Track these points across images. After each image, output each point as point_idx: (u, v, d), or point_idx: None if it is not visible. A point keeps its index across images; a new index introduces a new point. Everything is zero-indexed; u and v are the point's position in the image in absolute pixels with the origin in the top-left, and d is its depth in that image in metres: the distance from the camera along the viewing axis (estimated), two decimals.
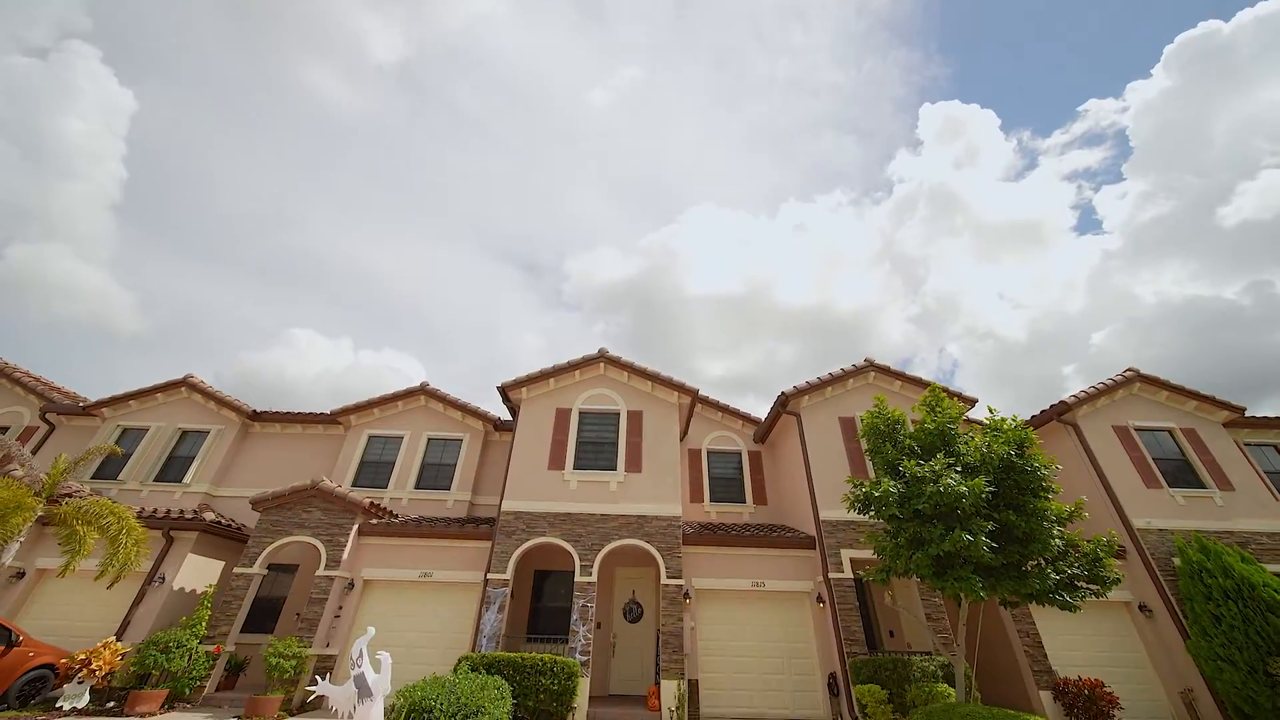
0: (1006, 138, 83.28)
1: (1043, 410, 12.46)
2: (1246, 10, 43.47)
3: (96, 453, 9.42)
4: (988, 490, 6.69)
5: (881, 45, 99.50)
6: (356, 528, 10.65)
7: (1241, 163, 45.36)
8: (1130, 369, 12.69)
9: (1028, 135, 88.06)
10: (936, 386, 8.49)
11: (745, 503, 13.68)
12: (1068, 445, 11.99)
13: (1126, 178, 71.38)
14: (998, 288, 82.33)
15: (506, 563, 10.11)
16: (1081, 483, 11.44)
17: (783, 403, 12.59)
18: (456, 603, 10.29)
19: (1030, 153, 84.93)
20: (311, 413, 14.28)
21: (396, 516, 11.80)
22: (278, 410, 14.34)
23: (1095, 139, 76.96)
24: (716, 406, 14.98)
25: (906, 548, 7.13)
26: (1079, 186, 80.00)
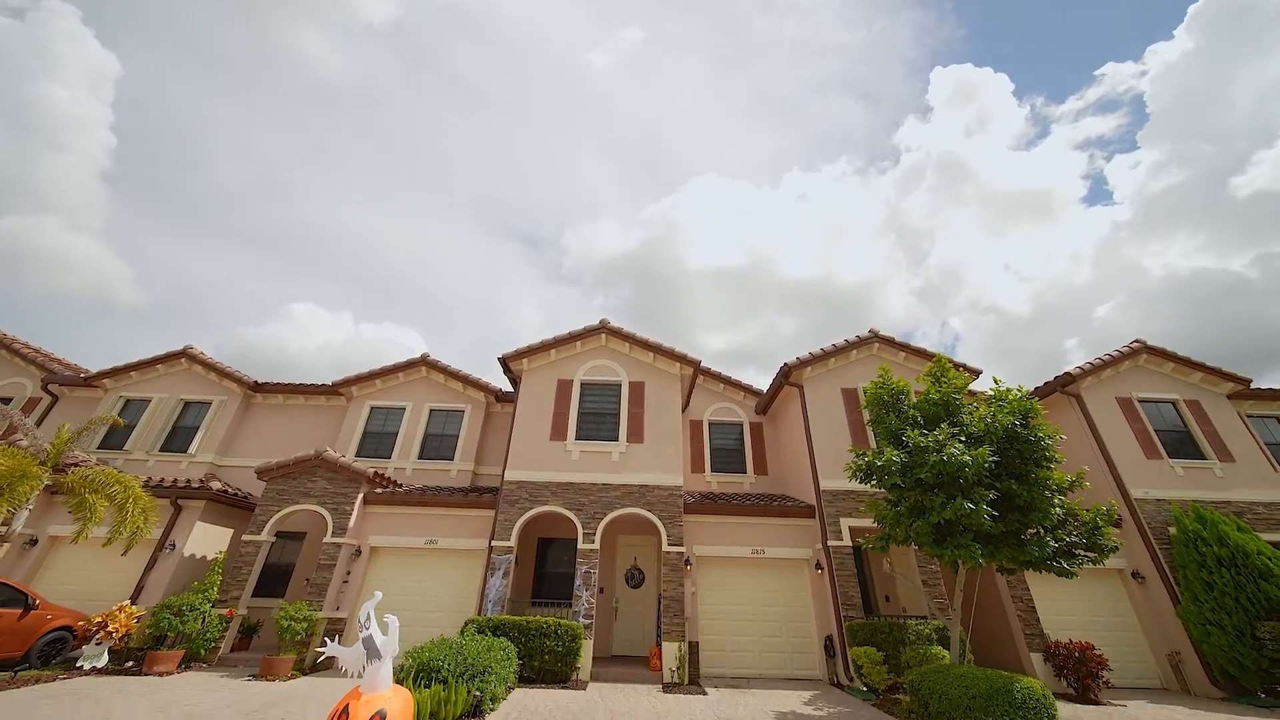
0: (1019, 103, 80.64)
1: (1046, 382, 12.41)
2: None
3: (99, 423, 9.43)
4: (991, 460, 6.70)
5: (893, 5, 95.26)
6: (361, 496, 10.77)
7: (1260, 130, 43.97)
8: (1137, 340, 12.57)
9: (1041, 101, 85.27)
10: (942, 357, 8.40)
11: (746, 473, 13.80)
12: (1070, 416, 11.98)
13: (1140, 146, 69.42)
14: (1004, 260, 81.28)
15: (510, 531, 10.26)
16: (1081, 453, 11.48)
17: (785, 374, 12.53)
18: (462, 569, 10.50)
19: (1043, 119, 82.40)
20: (313, 384, 14.28)
21: (401, 486, 11.92)
22: (279, 382, 14.33)
23: (1111, 105, 74.53)
24: (718, 378, 14.95)
25: (907, 516, 7.19)
26: (1091, 155, 77.95)
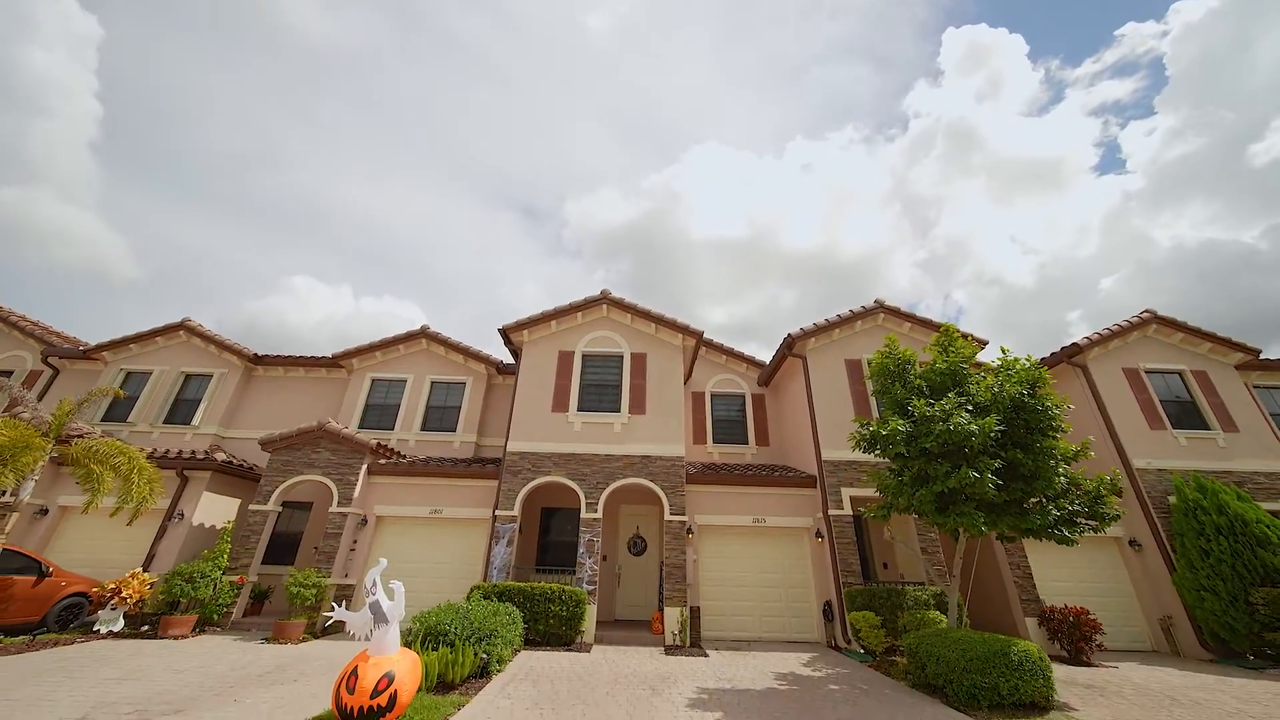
0: (1034, 66, 77.66)
1: (1053, 353, 12.26)
2: None
3: (99, 394, 9.40)
4: (997, 429, 6.64)
5: None
6: (365, 467, 10.84)
7: None
8: (1147, 310, 12.36)
9: (1056, 64, 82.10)
10: (950, 327, 8.26)
11: (748, 444, 13.85)
12: (1075, 387, 11.89)
13: (1157, 111, 67.10)
14: (1010, 231, 79.81)
15: (514, 500, 10.35)
16: (1085, 424, 11.44)
17: (789, 345, 12.40)
18: (466, 537, 10.66)
19: (1057, 84, 79.49)
20: (313, 356, 14.21)
21: (404, 457, 12.00)
22: (280, 354, 14.26)
23: (1129, 68, 71.71)
24: (720, 350, 14.84)
25: (910, 485, 7.18)
26: (1105, 122, 75.53)
